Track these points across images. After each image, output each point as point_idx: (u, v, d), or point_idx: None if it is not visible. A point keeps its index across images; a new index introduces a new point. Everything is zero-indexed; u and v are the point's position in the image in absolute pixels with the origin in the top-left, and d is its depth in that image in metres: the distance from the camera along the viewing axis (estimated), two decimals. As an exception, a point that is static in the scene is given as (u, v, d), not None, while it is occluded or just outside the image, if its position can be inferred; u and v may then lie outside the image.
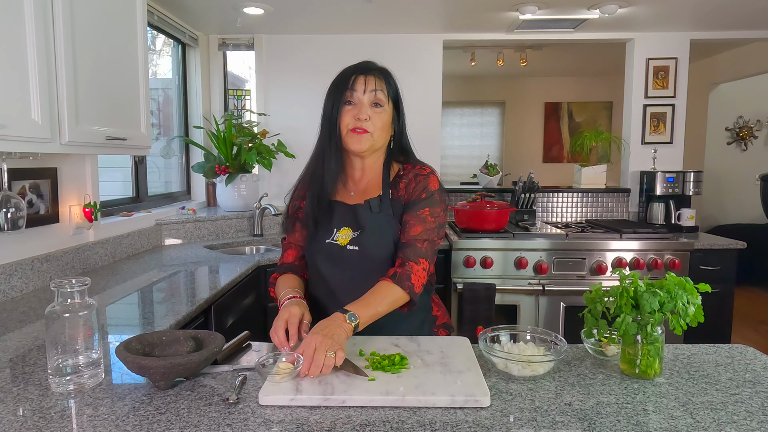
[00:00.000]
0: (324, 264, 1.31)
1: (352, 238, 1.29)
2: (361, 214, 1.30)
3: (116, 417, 0.87)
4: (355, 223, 1.30)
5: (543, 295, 2.86)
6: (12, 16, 1.32)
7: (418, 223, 1.27)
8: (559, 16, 3.13)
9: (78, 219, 2.08)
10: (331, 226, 1.32)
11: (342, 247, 1.29)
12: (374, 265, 1.26)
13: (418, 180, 1.31)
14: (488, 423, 0.85)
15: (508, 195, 3.63)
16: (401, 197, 1.31)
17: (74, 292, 0.98)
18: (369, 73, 1.28)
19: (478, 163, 4.02)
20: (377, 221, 1.29)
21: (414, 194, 1.30)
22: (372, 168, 1.36)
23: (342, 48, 3.51)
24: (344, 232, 1.30)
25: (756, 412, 0.89)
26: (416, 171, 1.33)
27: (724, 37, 3.55)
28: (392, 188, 1.33)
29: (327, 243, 1.31)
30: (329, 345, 0.99)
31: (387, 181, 1.34)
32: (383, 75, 1.30)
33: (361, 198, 1.33)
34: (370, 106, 1.27)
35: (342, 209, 1.33)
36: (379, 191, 1.33)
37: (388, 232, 1.28)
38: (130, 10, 1.94)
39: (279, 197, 3.58)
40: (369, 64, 1.32)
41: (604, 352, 1.11)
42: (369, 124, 1.26)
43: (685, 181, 3.36)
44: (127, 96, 1.91)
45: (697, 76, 5.06)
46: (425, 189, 1.30)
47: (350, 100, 1.27)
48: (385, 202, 1.30)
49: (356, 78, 1.27)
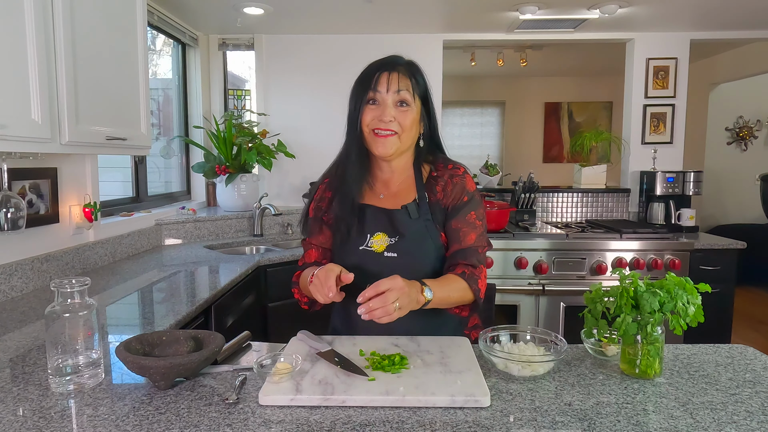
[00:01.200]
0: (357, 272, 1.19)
1: (390, 245, 1.22)
2: (399, 220, 1.23)
3: (116, 417, 0.87)
4: (390, 229, 1.23)
5: (543, 295, 2.86)
6: (12, 16, 1.32)
7: (471, 229, 1.24)
8: (559, 16, 3.13)
9: (78, 219, 2.08)
10: (364, 231, 1.24)
11: (379, 254, 1.22)
12: (414, 274, 1.17)
13: (455, 182, 1.26)
14: (488, 423, 0.85)
15: (508, 195, 3.63)
16: (440, 201, 1.26)
17: (74, 292, 0.98)
18: (394, 70, 1.20)
19: (478, 163, 4.01)
20: (417, 227, 1.23)
21: (455, 198, 1.25)
22: (402, 170, 1.29)
23: (342, 48, 3.51)
24: (379, 238, 1.23)
25: (756, 412, 0.89)
26: (451, 171, 1.27)
27: (724, 37, 3.55)
28: (428, 191, 1.27)
29: (361, 250, 1.23)
30: (400, 297, 0.98)
31: (421, 183, 1.27)
32: (410, 71, 1.23)
33: (393, 201, 1.26)
34: (394, 105, 1.20)
35: (374, 213, 1.25)
36: (413, 194, 1.27)
37: (428, 238, 1.23)
38: (130, 10, 1.94)
39: (279, 197, 3.58)
40: (395, 59, 1.23)
41: (604, 352, 1.11)
42: (394, 124, 1.19)
43: (685, 181, 3.36)
44: (127, 96, 1.91)
45: (697, 76, 5.05)
46: (465, 191, 1.26)
47: (374, 98, 1.20)
48: (423, 207, 1.24)
49: (380, 75, 1.19)
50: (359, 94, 1.22)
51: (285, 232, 3.29)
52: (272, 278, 2.52)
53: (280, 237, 3.19)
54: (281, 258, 2.56)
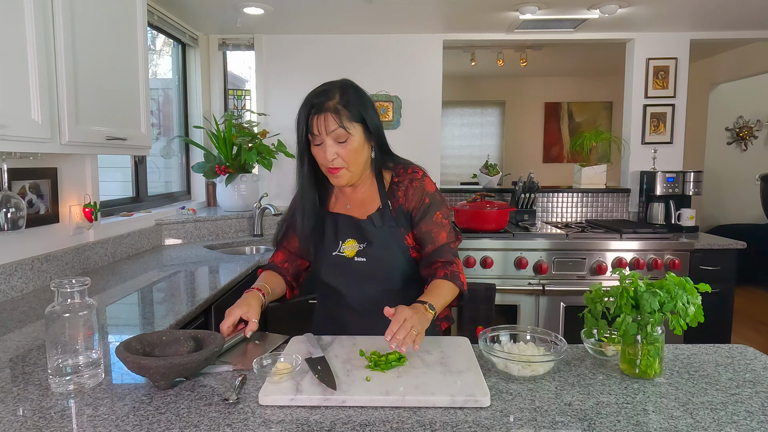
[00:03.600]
0: (332, 275, 1.36)
1: (359, 250, 1.32)
2: (366, 229, 1.32)
3: (116, 417, 0.87)
4: (360, 236, 1.33)
5: (543, 295, 2.86)
6: (12, 16, 1.32)
7: (440, 228, 1.32)
8: (559, 16, 3.12)
9: (78, 219, 2.08)
10: (337, 238, 1.34)
11: (349, 259, 1.32)
12: (382, 275, 1.32)
13: (414, 186, 1.32)
14: (488, 423, 0.85)
15: (508, 195, 3.63)
16: (402, 205, 1.33)
17: (74, 292, 0.99)
18: (322, 111, 1.21)
19: (478, 163, 4.02)
20: (382, 234, 1.32)
21: (416, 201, 1.32)
22: (362, 183, 1.36)
23: (342, 48, 3.51)
24: (350, 244, 1.33)
25: (756, 412, 0.89)
26: (410, 176, 1.34)
27: (724, 37, 3.55)
28: (390, 198, 1.34)
29: (334, 255, 1.34)
30: (416, 324, 1.06)
31: (383, 191, 1.34)
32: (339, 107, 1.22)
33: (360, 210, 1.34)
34: (335, 143, 1.23)
35: (345, 221, 1.34)
36: (377, 203, 1.34)
37: (394, 242, 1.32)
38: (130, 10, 1.94)
39: (279, 197, 3.58)
40: (322, 98, 1.23)
41: (604, 352, 1.11)
42: (338, 161, 1.24)
43: (685, 181, 3.36)
44: (127, 96, 1.91)
45: (697, 76, 5.06)
46: (424, 193, 1.32)
47: (314, 139, 1.25)
48: (386, 214, 1.32)
49: (312, 119, 1.22)
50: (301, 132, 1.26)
51: (285, 232, 3.29)
52: (272, 278, 2.52)
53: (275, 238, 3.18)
54: (281, 258, 2.55)
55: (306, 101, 1.26)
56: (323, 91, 1.25)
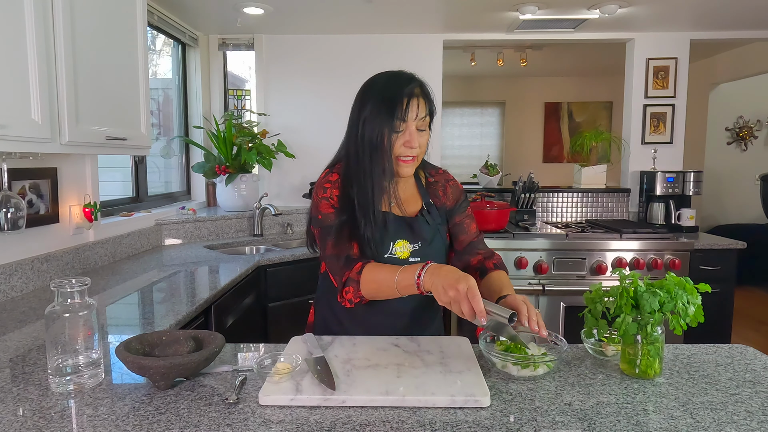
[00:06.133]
0: None
1: (413, 251, 1.27)
2: (420, 227, 1.29)
3: (116, 417, 0.87)
4: (411, 236, 1.27)
5: (543, 295, 2.86)
6: (12, 16, 1.32)
7: (470, 220, 1.40)
8: (559, 16, 3.12)
9: (78, 219, 2.08)
10: (385, 239, 1.26)
11: (404, 261, 1.26)
12: None
13: (452, 185, 1.39)
14: (488, 423, 0.85)
15: (508, 195, 3.63)
16: (444, 204, 1.36)
17: (74, 292, 0.98)
18: (417, 96, 1.18)
19: (478, 163, 4.01)
20: (435, 232, 1.32)
21: (455, 199, 1.38)
22: (408, 180, 1.33)
23: (342, 48, 3.51)
24: (401, 245, 1.27)
25: (756, 412, 0.89)
26: (444, 176, 1.40)
27: (724, 37, 3.55)
28: (431, 196, 1.36)
29: (386, 257, 1.26)
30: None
31: (424, 190, 1.36)
32: (426, 96, 1.21)
33: (404, 209, 1.29)
34: (416, 130, 1.20)
35: (395, 221, 1.27)
36: (418, 200, 1.34)
37: (441, 240, 1.34)
38: (130, 10, 1.94)
39: (279, 197, 3.58)
40: (414, 85, 1.19)
41: (604, 352, 1.11)
42: (416, 150, 1.21)
43: (685, 181, 3.36)
44: (127, 96, 1.91)
45: (697, 76, 5.06)
46: (461, 191, 1.41)
47: (400, 128, 1.18)
48: (433, 212, 1.34)
49: (409, 104, 1.17)
50: (387, 121, 1.17)
51: (285, 232, 3.29)
52: (272, 278, 2.52)
53: (280, 237, 3.19)
54: (281, 258, 2.56)
55: (395, 89, 1.18)
56: (410, 78, 1.21)
